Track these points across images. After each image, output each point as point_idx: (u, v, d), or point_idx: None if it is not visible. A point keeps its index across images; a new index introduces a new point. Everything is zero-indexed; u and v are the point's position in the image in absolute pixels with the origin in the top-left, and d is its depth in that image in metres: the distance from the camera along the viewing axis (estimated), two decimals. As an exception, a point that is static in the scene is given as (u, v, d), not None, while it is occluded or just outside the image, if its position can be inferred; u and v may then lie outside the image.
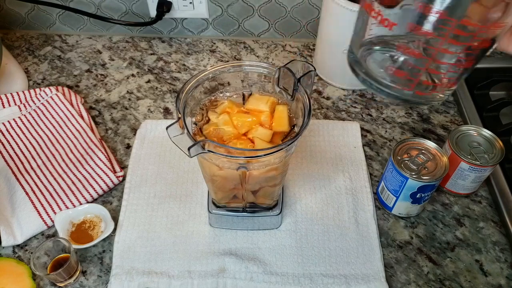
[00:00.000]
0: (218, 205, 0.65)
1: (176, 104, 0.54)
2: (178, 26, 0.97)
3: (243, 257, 0.64)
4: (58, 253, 0.62)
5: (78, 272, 0.62)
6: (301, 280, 0.62)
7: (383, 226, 0.69)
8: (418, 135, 0.81)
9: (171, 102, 0.86)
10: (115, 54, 0.95)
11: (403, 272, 0.64)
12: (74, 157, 0.74)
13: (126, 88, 0.89)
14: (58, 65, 0.93)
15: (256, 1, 0.91)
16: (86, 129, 0.78)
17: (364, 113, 0.84)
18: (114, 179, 0.72)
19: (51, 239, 0.61)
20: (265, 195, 0.62)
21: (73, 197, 0.69)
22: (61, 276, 0.59)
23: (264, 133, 0.56)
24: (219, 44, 0.97)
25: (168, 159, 0.76)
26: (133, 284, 0.62)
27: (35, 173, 0.72)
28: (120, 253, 0.65)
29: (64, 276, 0.60)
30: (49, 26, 0.99)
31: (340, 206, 0.70)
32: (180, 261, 0.64)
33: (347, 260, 0.64)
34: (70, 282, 0.61)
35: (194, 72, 0.91)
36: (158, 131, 0.79)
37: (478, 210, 0.71)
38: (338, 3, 0.75)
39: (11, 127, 0.79)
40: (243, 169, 0.54)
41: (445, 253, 0.66)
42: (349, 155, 0.77)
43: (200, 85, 0.58)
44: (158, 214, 0.69)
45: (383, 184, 0.69)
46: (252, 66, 0.59)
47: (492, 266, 0.65)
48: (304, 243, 0.66)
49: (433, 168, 0.64)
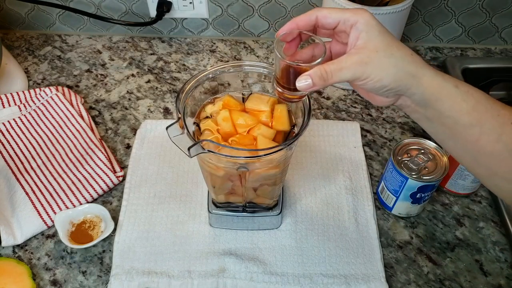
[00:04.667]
0: (218, 205, 0.65)
1: (176, 104, 0.54)
2: (178, 26, 0.97)
3: (243, 257, 0.64)
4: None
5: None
6: (301, 280, 0.62)
7: (383, 226, 0.69)
8: (418, 135, 0.81)
9: (171, 102, 0.86)
10: (115, 54, 0.95)
11: (403, 272, 0.64)
12: (74, 157, 0.74)
13: (126, 88, 0.89)
14: (58, 65, 0.93)
15: (256, 1, 0.91)
16: (86, 129, 0.78)
17: (364, 113, 0.84)
18: (114, 179, 0.72)
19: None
20: (265, 194, 0.62)
21: (73, 197, 0.69)
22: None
23: (267, 131, 0.56)
24: (219, 44, 0.97)
25: (168, 159, 0.76)
26: (133, 284, 0.62)
27: (35, 173, 0.72)
28: (120, 253, 0.65)
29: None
30: (49, 26, 0.99)
31: (340, 206, 0.70)
32: (180, 261, 0.64)
33: (347, 260, 0.64)
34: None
35: (194, 72, 0.91)
36: (158, 131, 0.79)
37: (478, 210, 0.71)
38: (338, 3, 0.76)
39: (11, 127, 0.79)
40: (243, 169, 0.54)
41: (445, 253, 0.66)
42: (349, 155, 0.77)
43: (200, 85, 0.58)
44: (158, 214, 0.69)
45: (383, 184, 0.69)
46: (252, 66, 0.59)
47: (492, 266, 0.65)
48: (304, 243, 0.66)
49: (433, 168, 0.64)
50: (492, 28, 0.94)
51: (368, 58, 0.43)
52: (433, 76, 0.44)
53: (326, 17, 0.46)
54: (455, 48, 0.97)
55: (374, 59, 0.43)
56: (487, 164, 0.45)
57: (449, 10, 0.91)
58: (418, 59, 0.44)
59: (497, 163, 0.44)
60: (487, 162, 0.44)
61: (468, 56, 0.95)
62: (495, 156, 0.43)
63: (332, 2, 0.76)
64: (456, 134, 0.45)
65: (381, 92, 0.45)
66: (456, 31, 0.95)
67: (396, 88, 0.44)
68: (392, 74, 0.43)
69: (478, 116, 0.43)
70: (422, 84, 0.44)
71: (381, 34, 0.44)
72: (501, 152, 0.43)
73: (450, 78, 0.45)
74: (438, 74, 0.44)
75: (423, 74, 0.44)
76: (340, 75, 0.43)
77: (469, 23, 0.93)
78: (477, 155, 0.45)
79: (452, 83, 0.44)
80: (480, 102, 0.43)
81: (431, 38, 0.96)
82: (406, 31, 0.93)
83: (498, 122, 0.43)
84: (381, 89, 0.44)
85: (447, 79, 0.44)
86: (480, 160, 0.45)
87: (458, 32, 0.95)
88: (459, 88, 0.44)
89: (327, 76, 0.43)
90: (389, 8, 0.75)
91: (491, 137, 0.43)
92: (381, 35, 0.44)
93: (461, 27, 0.94)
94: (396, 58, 0.43)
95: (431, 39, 0.96)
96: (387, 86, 0.44)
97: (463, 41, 0.96)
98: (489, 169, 0.45)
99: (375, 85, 0.44)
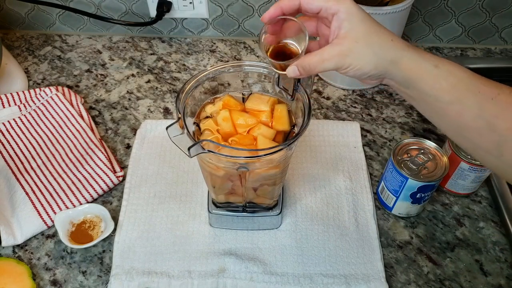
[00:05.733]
0: (218, 205, 0.65)
1: (176, 104, 0.54)
2: (178, 26, 0.97)
3: (243, 257, 0.64)
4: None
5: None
6: (301, 280, 0.62)
7: (383, 226, 0.69)
8: (418, 135, 0.81)
9: (171, 102, 0.86)
10: (115, 54, 0.95)
11: (403, 272, 0.64)
12: (74, 157, 0.74)
13: (126, 88, 0.89)
14: (58, 65, 0.93)
15: (256, 1, 0.91)
16: (86, 129, 0.78)
17: (364, 113, 0.84)
18: (114, 179, 0.72)
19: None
20: (265, 194, 0.62)
21: (73, 197, 0.69)
22: None
23: (267, 131, 0.56)
24: (219, 44, 0.97)
25: (168, 159, 0.76)
26: (133, 284, 0.62)
27: (35, 173, 0.72)
28: (120, 253, 0.65)
29: None
30: (49, 26, 0.99)
31: (340, 206, 0.70)
32: (180, 261, 0.64)
33: (347, 260, 0.64)
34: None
35: (194, 72, 0.91)
36: (158, 131, 0.79)
37: (478, 210, 0.71)
38: (338, 3, 0.75)
39: (11, 127, 0.79)
40: (243, 169, 0.54)
41: (445, 253, 0.66)
42: (349, 155, 0.77)
43: (200, 85, 0.58)
44: (158, 214, 0.69)
45: (383, 184, 0.69)
46: (252, 66, 0.59)
47: (492, 266, 0.65)
48: (304, 243, 0.66)
49: (433, 168, 0.64)
50: (492, 28, 0.94)
51: (348, 50, 0.45)
52: (412, 58, 0.46)
53: (309, 3, 0.47)
54: (455, 48, 0.97)
55: (354, 50, 0.45)
56: (470, 138, 0.46)
57: (449, 10, 0.91)
58: (398, 43, 0.46)
59: (479, 137, 0.46)
60: (470, 136, 0.46)
61: (468, 56, 0.95)
62: (476, 131, 0.45)
63: (332, 2, 0.76)
64: (439, 111, 0.47)
65: (363, 78, 0.48)
66: (456, 31, 0.95)
67: (377, 74, 0.47)
68: (372, 62, 0.46)
69: (458, 94, 0.45)
70: (402, 67, 0.46)
71: (362, 23, 0.46)
72: (482, 127, 0.45)
73: (431, 57, 0.46)
74: (420, 55, 0.46)
75: (402, 57, 0.45)
76: (322, 66, 0.46)
77: (469, 23, 0.93)
78: (460, 130, 0.47)
79: (432, 62, 0.45)
80: (461, 80, 0.45)
81: (431, 38, 0.96)
82: (406, 31, 0.93)
83: (478, 99, 0.44)
84: (363, 75, 0.47)
85: (427, 59, 0.46)
86: (464, 134, 0.47)
87: (458, 32, 0.95)
88: (439, 68, 0.45)
89: (310, 68, 0.47)
90: (389, 8, 0.75)
91: (471, 113, 0.45)
92: (362, 23, 0.46)
93: (461, 27, 0.94)
94: (375, 46, 0.45)
95: (431, 39, 0.96)
96: (368, 73, 0.46)
97: (463, 41, 0.97)
98: (473, 143, 0.47)
99: (356, 73, 0.46)
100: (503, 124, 0.43)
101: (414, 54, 0.46)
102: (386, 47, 0.45)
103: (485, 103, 0.44)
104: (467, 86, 0.45)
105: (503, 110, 0.44)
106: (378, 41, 0.45)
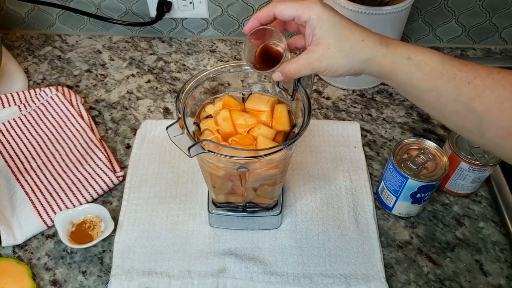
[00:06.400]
0: (218, 205, 0.65)
1: (176, 104, 0.54)
2: (178, 26, 0.97)
3: (243, 257, 0.64)
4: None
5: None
6: (301, 280, 0.62)
7: (383, 226, 0.69)
8: (418, 135, 0.81)
9: (171, 102, 0.86)
10: (115, 54, 0.95)
11: (403, 272, 0.64)
12: (74, 157, 0.74)
13: (126, 88, 0.89)
14: (58, 65, 0.93)
15: (256, 1, 0.91)
16: (86, 129, 0.78)
17: (364, 113, 0.84)
18: (114, 179, 0.72)
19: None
20: (265, 194, 0.62)
21: (73, 197, 0.69)
22: None
23: (267, 131, 0.56)
24: (219, 44, 0.97)
25: (168, 159, 0.76)
26: (133, 284, 0.62)
27: (35, 173, 0.72)
28: (120, 253, 0.65)
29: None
30: (49, 26, 0.99)
31: (340, 206, 0.70)
32: (180, 261, 0.64)
33: (347, 260, 0.64)
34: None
35: (194, 72, 0.91)
36: (158, 131, 0.79)
37: (478, 210, 0.71)
38: (338, 3, 0.75)
39: (11, 127, 0.79)
40: (243, 169, 0.54)
41: (445, 253, 0.66)
42: (349, 155, 0.77)
43: (200, 85, 0.58)
44: (158, 214, 0.69)
45: (383, 184, 0.69)
46: (252, 66, 0.59)
47: (492, 266, 0.65)
48: (304, 243, 0.66)
49: (433, 168, 0.64)
50: (492, 28, 0.94)
51: (322, 56, 0.48)
52: (385, 54, 0.47)
53: (282, 13, 0.50)
54: (455, 48, 0.97)
55: (327, 56, 0.48)
56: (453, 120, 0.48)
57: (449, 10, 0.91)
58: (369, 42, 0.48)
59: (460, 119, 0.47)
60: (452, 118, 0.48)
61: (468, 56, 0.95)
62: (456, 114, 0.47)
63: (332, 2, 0.76)
64: (418, 98, 0.49)
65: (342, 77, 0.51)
66: (456, 31, 0.95)
67: (352, 73, 0.50)
68: (345, 65, 0.49)
69: (433, 82, 0.46)
70: (375, 64, 0.48)
71: (332, 28, 0.48)
72: (461, 110, 0.46)
73: (404, 49, 0.48)
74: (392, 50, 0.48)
75: (375, 56, 0.48)
76: (301, 73, 0.50)
77: (469, 23, 0.93)
78: (442, 113, 0.49)
79: (405, 55, 0.47)
80: (435, 68, 0.46)
81: (431, 38, 0.96)
82: (406, 31, 0.93)
83: (453, 84, 0.46)
84: (339, 76, 0.50)
85: (399, 53, 0.47)
86: (447, 117, 0.49)
87: (458, 32, 0.95)
88: (412, 59, 0.47)
89: (290, 74, 0.50)
90: (389, 8, 0.75)
91: (449, 98, 0.46)
92: (333, 29, 0.48)
93: (461, 27, 0.94)
94: (346, 51, 0.48)
95: (431, 39, 0.96)
96: (343, 73, 0.50)
97: (463, 41, 0.97)
98: (456, 124, 0.49)
99: (333, 75, 0.50)
100: (480, 106, 0.45)
101: (387, 51, 0.47)
102: (356, 49, 0.48)
103: (461, 88, 0.46)
104: (441, 73, 0.46)
105: (479, 93, 0.45)
106: (349, 45, 0.48)
